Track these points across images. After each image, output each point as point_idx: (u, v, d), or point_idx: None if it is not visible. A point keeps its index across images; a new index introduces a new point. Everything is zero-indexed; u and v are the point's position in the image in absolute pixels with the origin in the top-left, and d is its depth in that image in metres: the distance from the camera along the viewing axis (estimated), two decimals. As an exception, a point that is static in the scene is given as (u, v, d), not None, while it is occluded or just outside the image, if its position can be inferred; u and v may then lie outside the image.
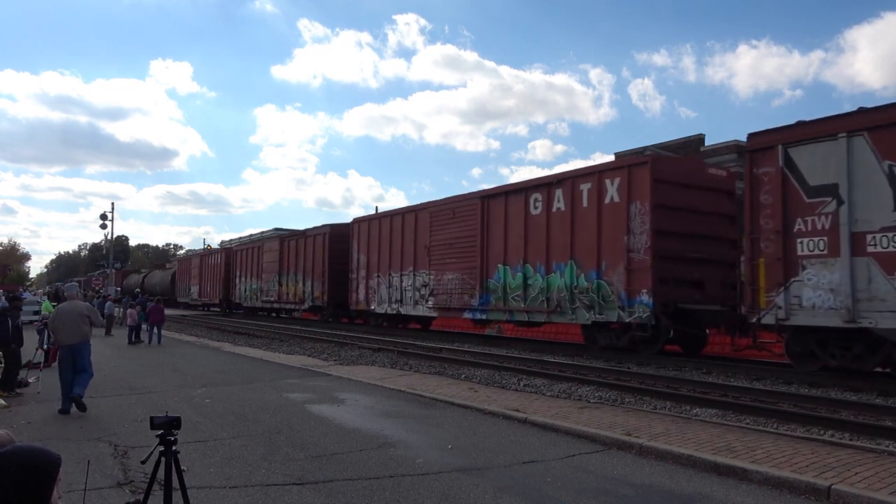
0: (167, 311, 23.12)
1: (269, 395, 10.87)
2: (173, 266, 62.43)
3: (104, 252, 54.32)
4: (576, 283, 16.37)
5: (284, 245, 33.60)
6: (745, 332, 14.16)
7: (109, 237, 43.91)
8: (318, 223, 44.48)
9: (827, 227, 11.44)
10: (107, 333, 24.50)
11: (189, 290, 48.35)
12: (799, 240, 11.79)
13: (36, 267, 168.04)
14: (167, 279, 55.03)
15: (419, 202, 23.12)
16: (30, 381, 11.97)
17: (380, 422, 8.70)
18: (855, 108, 11.67)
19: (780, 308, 11.95)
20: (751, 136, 12.82)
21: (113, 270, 49.56)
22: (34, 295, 41.01)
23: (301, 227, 36.23)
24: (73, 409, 9.35)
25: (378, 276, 25.06)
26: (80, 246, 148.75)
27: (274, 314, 37.69)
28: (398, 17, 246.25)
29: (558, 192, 17.08)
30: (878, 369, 11.58)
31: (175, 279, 52.72)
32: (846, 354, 11.51)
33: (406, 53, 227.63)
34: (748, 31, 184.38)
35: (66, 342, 9.55)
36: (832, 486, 5.45)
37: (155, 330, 21.47)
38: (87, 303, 13.05)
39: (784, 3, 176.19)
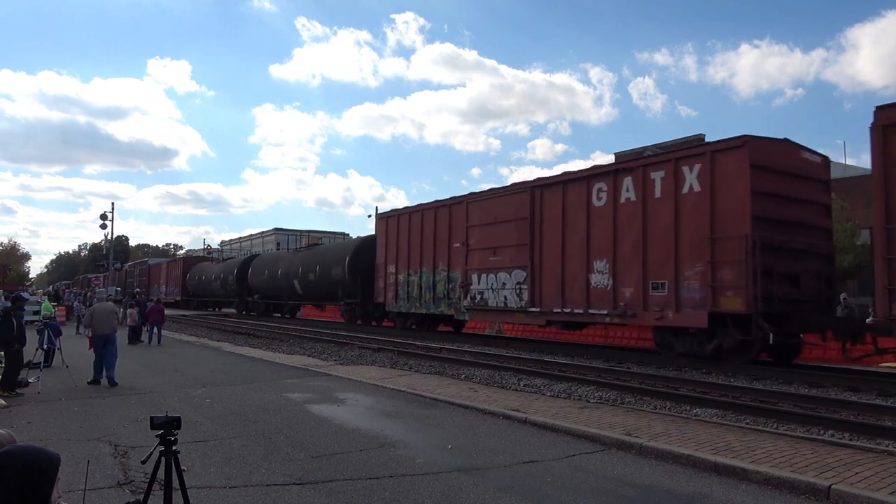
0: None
1: (270, 395, 10.87)
2: (345, 243, 33.11)
3: (104, 252, 52.29)
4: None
5: None
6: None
7: (109, 237, 43.66)
8: (319, 223, 40.18)
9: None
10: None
11: (450, 288, 20.82)
12: None
13: (36, 267, 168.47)
14: (334, 266, 28.15)
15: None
16: (30, 381, 11.97)
17: (380, 422, 8.70)
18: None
19: None
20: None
21: (114, 269, 47.29)
22: (34, 295, 40.98)
23: (302, 228, 33.44)
24: (104, 380, 12.19)
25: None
26: (80, 246, 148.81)
27: None
28: (396, 17, 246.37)
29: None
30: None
31: (366, 264, 25.89)
32: None
33: (405, 52, 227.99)
34: (750, 30, 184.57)
35: (101, 332, 12.58)
36: (832, 486, 5.45)
37: (155, 330, 21.48)
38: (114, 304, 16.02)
39: (786, 2, 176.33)
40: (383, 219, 25.27)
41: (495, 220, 18.96)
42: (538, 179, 17.90)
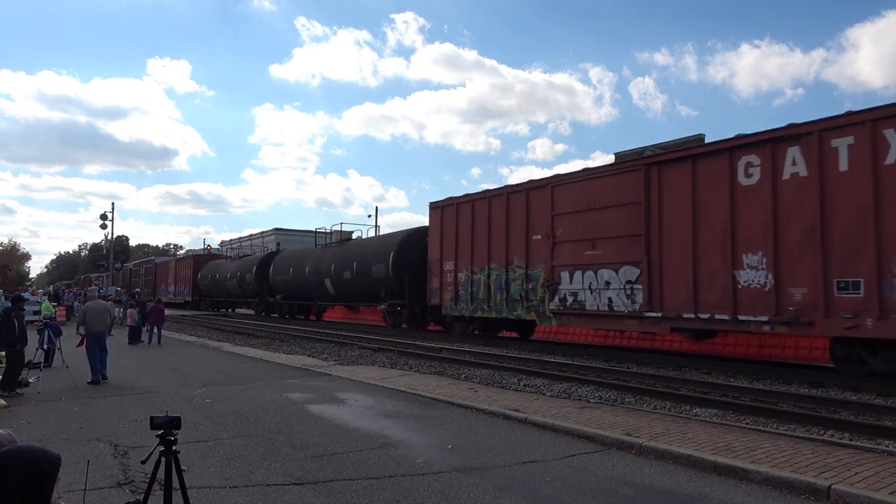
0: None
1: (270, 395, 10.87)
2: (388, 237, 27.43)
3: (104, 252, 51.82)
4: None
5: None
6: None
7: (110, 237, 43.60)
8: (319, 223, 39.10)
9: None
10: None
11: (529, 288, 17.84)
12: None
13: (36, 267, 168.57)
14: (375, 263, 24.66)
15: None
16: (30, 381, 11.98)
17: (380, 422, 8.70)
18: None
19: None
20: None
21: (114, 269, 46.95)
22: (34, 295, 40.98)
23: (301, 228, 32.14)
24: (101, 379, 12.48)
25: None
26: (80, 246, 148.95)
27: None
28: (396, 17, 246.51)
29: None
30: None
31: (414, 261, 22.93)
32: None
33: (405, 52, 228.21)
34: (750, 30, 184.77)
35: (94, 331, 12.83)
36: (832, 486, 5.45)
37: (155, 330, 21.48)
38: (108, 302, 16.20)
39: (786, 2, 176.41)
40: (438, 208, 21.55)
41: (593, 206, 15.80)
42: (655, 155, 14.87)
